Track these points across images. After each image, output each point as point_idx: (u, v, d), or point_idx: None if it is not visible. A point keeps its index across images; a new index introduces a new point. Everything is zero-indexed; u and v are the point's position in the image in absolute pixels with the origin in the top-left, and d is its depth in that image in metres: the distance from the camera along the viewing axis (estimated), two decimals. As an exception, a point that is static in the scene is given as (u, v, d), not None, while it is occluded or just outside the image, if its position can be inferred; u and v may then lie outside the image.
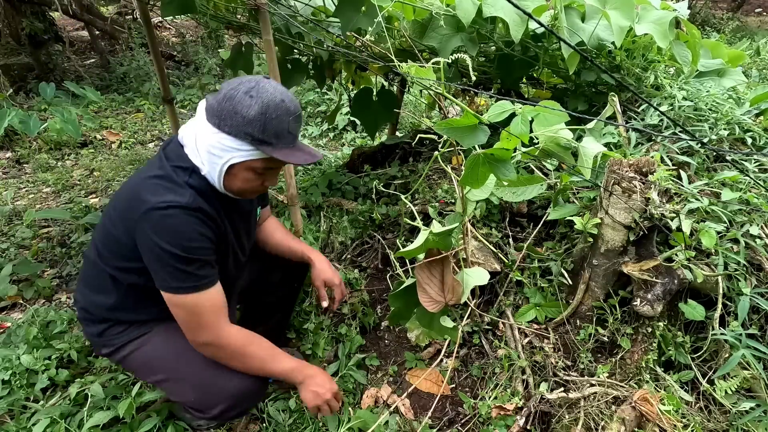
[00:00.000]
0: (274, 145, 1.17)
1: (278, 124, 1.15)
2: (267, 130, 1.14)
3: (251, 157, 1.18)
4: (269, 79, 1.20)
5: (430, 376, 1.72)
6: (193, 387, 1.29)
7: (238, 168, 1.20)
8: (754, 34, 7.47)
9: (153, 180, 1.19)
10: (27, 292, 2.33)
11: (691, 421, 1.38)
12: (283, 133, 1.17)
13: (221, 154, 1.16)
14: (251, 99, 1.13)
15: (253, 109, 1.12)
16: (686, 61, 1.90)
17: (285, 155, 1.18)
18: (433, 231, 1.20)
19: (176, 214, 1.14)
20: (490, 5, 1.75)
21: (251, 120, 1.13)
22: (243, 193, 1.28)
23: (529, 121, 1.22)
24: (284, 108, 1.16)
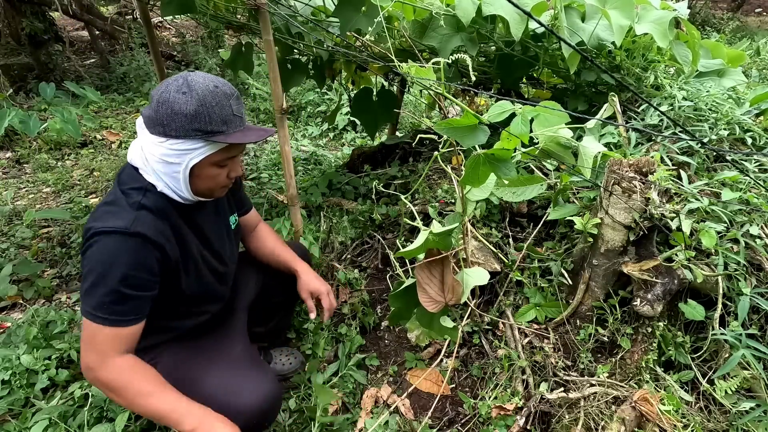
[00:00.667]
0: (225, 132, 1.14)
1: (221, 110, 1.12)
2: (213, 120, 1.11)
3: (209, 152, 1.14)
4: (194, 71, 1.16)
5: (430, 376, 1.71)
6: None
7: (199, 167, 1.16)
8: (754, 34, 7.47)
9: (102, 207, 1.16)
10: (27, 292, 2.33)
11: (691, 421, 1.38)
12: (229, 117, 1.14)
13: (178, 159, 1.13)
14: (185, 95, 1.09)
15: (192, 104, 1.09)
16: (686, 61, 1.90)
17: (240, 137, 1.15)
18: (433, 231, 1.20)
19: (112, 240, 1.09)
20: (490, 4, 1.75)
21: (194, 115, 1.09)
22: (213, 192, 1.25)
23: (529, 121, 1.23)
24: (221, 93, 1.13)
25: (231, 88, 1.17)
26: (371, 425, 1.51)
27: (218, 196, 1.29)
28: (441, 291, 1.31)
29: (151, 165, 1.15)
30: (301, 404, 1.65)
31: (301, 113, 5.33)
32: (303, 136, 4.85)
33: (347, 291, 2.11)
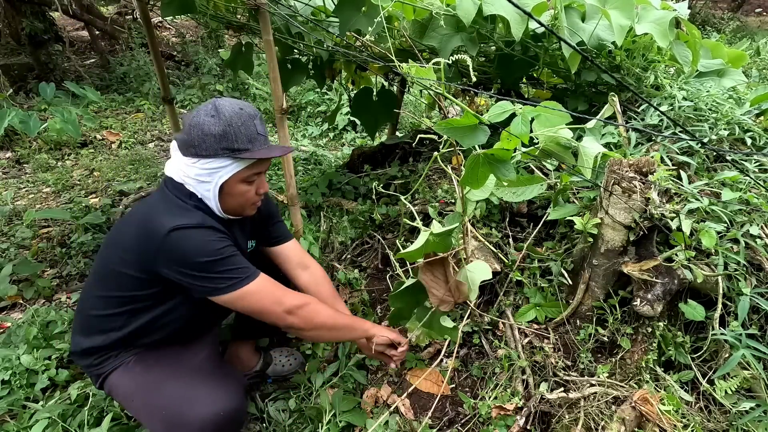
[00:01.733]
0: (251, 149, 1.25)
1: (246, 129, 1.24)
2: (240, 138, 1.23)
3: (237, 169, 1.26)
4: (222, 97, 1.29)
5: (430, 376, 1.71)
6: (161, 419, 1.25)
7: (229, 184, 1.27)
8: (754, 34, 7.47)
9: (163, 208, 1.25)
10: (27, 292, 2.33)
11: (691, 421, 1.38)
12: (254, 135, 1.26)
13: (209, 178, 1.25)
14: (214, 118, 1.21)
15: (220, 126, 1.21)
16: (686, 61, 1.90)
17: (265, 153, 1.27)
18: (433, 231, 1.20)
19: (194, 232, 1.22)
20: (491, 4, 1.75)
21: (222, 135, 1.21)
22: (242, 208, 1.35)
23: (529, 121, 1.22)
24: (246, 114, 1.25)
25: (254, 110, 1.29)
26: (371, 425, 1.51)
27: (248, 213, 1.39)
28: (448, 290, 1.32)
29: (188, 184, 1.28)
30: (301, 404, 1.65)
31: (301, 113, 5.33)
32: (303, 136, 4.86)
33: (347, 291, 2.12)
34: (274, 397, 1.71)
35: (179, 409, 1.23)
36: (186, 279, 1.23)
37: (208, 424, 1.21)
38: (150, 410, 1.27)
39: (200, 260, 1.20)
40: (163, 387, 1.29)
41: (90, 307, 1.36)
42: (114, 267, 1.30)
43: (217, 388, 1.29)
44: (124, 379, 1.33)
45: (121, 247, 1.29)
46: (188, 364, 1.39)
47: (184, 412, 1.22)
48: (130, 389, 1.32)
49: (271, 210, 1.58)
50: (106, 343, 1.34)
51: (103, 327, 1.34)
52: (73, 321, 1.43)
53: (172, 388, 1.29)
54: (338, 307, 1.57)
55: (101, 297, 1.33)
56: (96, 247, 2.73)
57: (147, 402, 1.28)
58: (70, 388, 1.66)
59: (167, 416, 1.23)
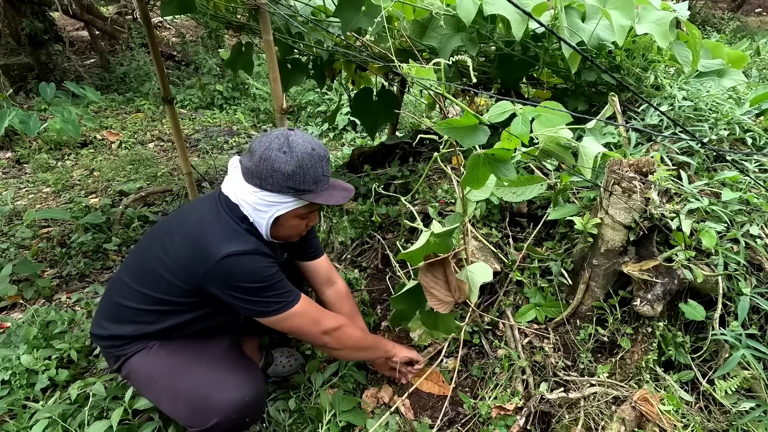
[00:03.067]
0: (314, 191, 1.27)
1: (314, 172, 1.25)
2: (306, 181, 1.25)
3: (296, 206, 1.29)
4: (294, 130, 1.29)
5: (431, 376, 1.71)
6: (186, 402, 1.28)
7: (284, 218, 1.30)
8: (754, 34, 7.47)
9: (218, 230, 1.28)
10: (27, 292, 2.33)
11: (691, 421, 1.38)
12: (319, 177, 1.27)
13: (267, 209, 1.27)
14: (286, 155, 1.22)
15: (291, 165, 1.22)
16: (686, 61, 1.90)
17: (326, 198, 1.29)
18: (433, 232, 1.20)
19: (247, 259, 1.24)
20: (491, 4, 1.75)
21: (291, 175, 1.23)
22: (289, 238, 1.40)
23: (529, 122, 1.23)
24: (317, 156, 1.26)
25: (324, 150, 1.30)
26: (371, 425, 1.51)
27: (293, 240, 1.44)
28: (448, 291, 1.32)
29: (243, 207, 1.30)
30: (301, 404, 1.65)
31: (301, 113, 5.33)
32: (303, 136, 4.85)
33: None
34: (274, 398, 1.71)
35: (206, 392, 1.28)
36: (235, 301, 1.27)
37: (234, 409, 1.27)
38: (174, 393, 1.31)
39: (252, 286, 1.25)
40: (189, 370, 1.34)
41: (124, 297, 1.38)
42: (156, 268, 1.32)
43: (242, 374, 1.36)
44: (147, 362, 1.36)
45: (168, 254, 1.31)
46: (213, 351, 1.43)
47: (211, 396, 1.28)
48: (153, 372, 1.35)
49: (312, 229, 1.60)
50: (135, 334, 1.37)
51: (134, 319, 1.37)
52: (101, 303, 1.45)
53: (199, 372, 1.33)
54: (358, 324, 1.64)
55: (137, 291, 1.35)
56: (96, 247, 2.73)
57: (171, 385, 1.32)
58: (70, 388, 1.65)
59: (193, 398, 1.28)
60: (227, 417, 1.26)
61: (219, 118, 5.40)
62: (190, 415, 1.28)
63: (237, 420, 1.29)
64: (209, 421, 1.26)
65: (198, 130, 5.01)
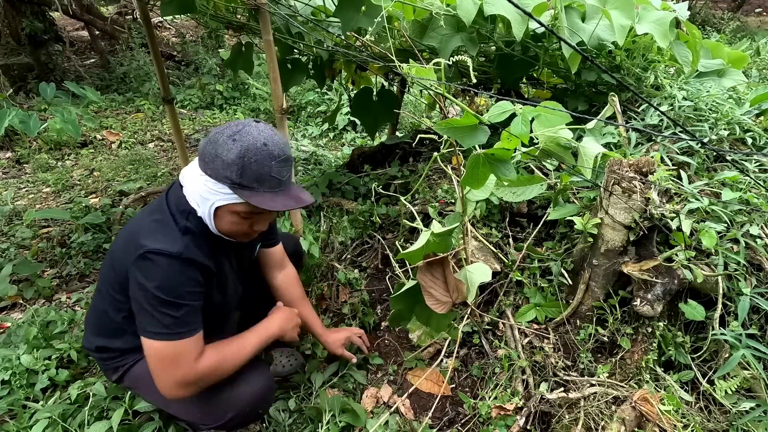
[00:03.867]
0: (254, 189, 1.14)
1: (258, 168, 1.13)
2: (245, 175, 1.13)
3: (232, 201, 1.16)
4: (260, 122, 1.19)
5: (431, 376, 1.72)
6: (198, 401, 1.28)
7: (222, 211, 1.20)
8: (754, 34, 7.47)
9: (152, 224, 1.21)
10: (27, 292, 2.33)
11: (691, 421, 1.38)
12: (264, 177, 1.14)
13: (208, 196, 1.17)
14: (233, 143, 1.12)
15: (233, 153, 1.11)
16: (686, 61, 1.90)
17: (262, 201, 1.14)
18: (433, 232, 1.20)
19: (164, 262, 1.14)
20: (491, 4, 1.75)
21: (230, 164, 1.12)
22: (232, 236, 1.27)
23: (529, 122, 1.23)
24: (266, 152, 1.13)
25: (282, 150, 1.17)
26: (372, 425, 1.51)
27: (240, 240, 1.31)
28: (446, 291, 1.32)
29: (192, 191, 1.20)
30: (301, 404, 1.65)
31: (301, 113, 5.34)
32: (303, 136, 4.86)
33: (347, 291, 2.12)
34: (275, 397, 1.71)
35: (218, 391, 1.28)
36: (134, 303, 1.19)
37: (248, 402, 1.28)
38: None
39: (154, 293, 1.13)
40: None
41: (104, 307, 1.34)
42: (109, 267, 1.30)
43: (252, 369, 1.35)
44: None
45: (111, 255, 1.30)
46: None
47: (223, 394, 1.28)
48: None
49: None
50: (126, 346, 1.36)
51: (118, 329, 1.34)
52: (88, 313, 1.44)
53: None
54: (303, 310, 1.63)
55: (113, 299, 1.30)
56: (96, 247, 2.73)
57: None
58: (70, 388, 1.65)
59: (205, 396, 1.27)
60: (242, 410, 1.27)
61: (219, 118, 5.40)
62: (204, 413, 1.29)
63: (250, 412, 1.30)
64: (225, 416, 1.27)
65: (198, 130, 5.01)
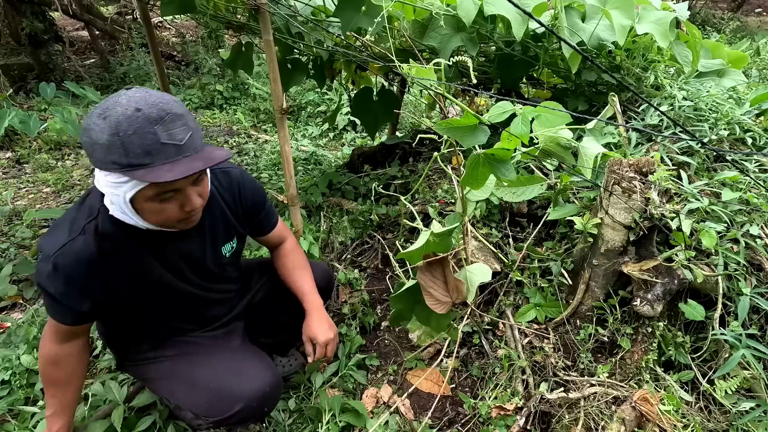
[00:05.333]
0: (148, 165, 0.95)
1: (140, 139, 0.93)
2: (130, 152, 0.93)
3: (138, 187, 0.99)
4: (132, 88, 1.00)
5: (430, 376, 1.72)
6: (206, 392, 1.27)
7: (137, 202, 1.03)
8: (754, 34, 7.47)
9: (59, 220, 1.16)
10: (27, 292, 2.33)
11: (691, 421, 1.38)
12: (152, 146, 0.94)
13: (115, 192, 1.00)
14: (103, 121, 0.93)
15: (105, 133, 0.93)
16: (686, 61, 1.90)
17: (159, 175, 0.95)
18: (433, 232, 1.20)
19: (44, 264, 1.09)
20: (492, 4, 1.75)
21: (108, 146, 0.93)
22: (169, 224, 1.11)
23: (529, 122, 1.23)
24: (142, 118, 0.94)
25: (162, 109, 0.96)
26: (372, 425, 1.51)
27: (184, 227, 1.15)
28: (446, 291, 1.32)
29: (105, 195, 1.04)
30: (301, 404, 1.65)
31: (301, 113, 5.33)
32: (303, 136, 4.85)
33: (347, 291, 2.12)
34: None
35: (226, 383, 1.26)
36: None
37: (255, 397, 1.26)
38: (192, 383, 1.29)
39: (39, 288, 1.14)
40: (206, 363, 1.32)
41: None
42: None
43: (260, 365, 1.33)
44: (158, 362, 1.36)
45: None
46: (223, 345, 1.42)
47: (231, 385, 1.26)
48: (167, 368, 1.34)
49: (255, 198, 1.40)
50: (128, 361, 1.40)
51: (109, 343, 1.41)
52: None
53: (217, 364, 1.32)
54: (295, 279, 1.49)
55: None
56: (96, 247, 2.73)
57: (188, 377, 1.30)
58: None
59: (214, 387, 1.26)
60: (248, 405, 1.25)
61: (219, 118, 5.40)
62: (210, 404, 1.26)
63: (256, 408, 1.27)
64: (231, 408, 1.23)
65: (198, 130, 5.00)
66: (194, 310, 1.39)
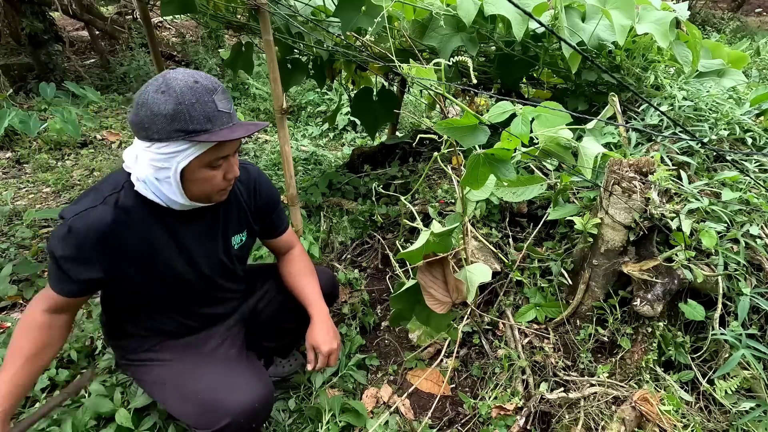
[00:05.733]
0: (210, 130, 1.07)
1: (202, 107, 1.06)
2: (195, 119, 1.05)
3: (197, 153, 1.08)
4: (176, 68, 1.11)
5: (431, 376, 1.72)
6: (195, 403, 1.26)
7: (190, 171, 1.11)
8: (754, 34, 7.47)
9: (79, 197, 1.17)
10: (27, 292, 2.33)
11: (691, 421, 1.38)
12: (212, 113, 1.07)
13: (166, 164, 1.08)
14: (164, 95, 1.04)
15: (170, 104, 1.04)
16: (687, 61, 1.90)
17: (226, 134, 1.08)
18: (433, 232, 1.20)
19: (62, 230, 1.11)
20: (492, 4, 1.75)
21: (173, 115, 1.04)
22: (210, 196, 1.19)
23: (529, 122, 1.23)
24: (202, 89, 1.06)
25: (214, 82, 1.10)
26: (372, 425, 1.51)
27: (218, 200, 1.23)
28: (446, 291, 1.32)
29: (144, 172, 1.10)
30: (301, 404, 1.65)
31: (301, 113, 5.33)
32: (303, 136, 4.85)
33: (347, 291, 2.12)
34: (275, 397, 1.71)
35: (216, 396, 1.24)
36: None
37: (244, 412, 1.23)
38: (183, 393, 1.28)
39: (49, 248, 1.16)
40: (198, 373, 1.31)
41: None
42: None
43: (252, 377, 1.32)
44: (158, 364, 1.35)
45: None
46: (219, 354, 1.40)
47: (220, 399, 1.24)
48: (161, 374, 1.33)
49: (270, 197, 1.44)
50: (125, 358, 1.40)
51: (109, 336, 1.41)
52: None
53: (209, 375, 1.30)
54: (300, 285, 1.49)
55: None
56: (96, 247, 2.73)
57: (180, 386, 1.29)
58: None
59: (203, 400, 1.24)
60: (236, 420, 1.23)
61: (219, 118, 5.39)
62: (199, 416, 1.26)
63: (245, 424, 1.25)
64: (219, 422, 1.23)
65: (198, 130, 5.01)
66: (196, 304, 1.39)
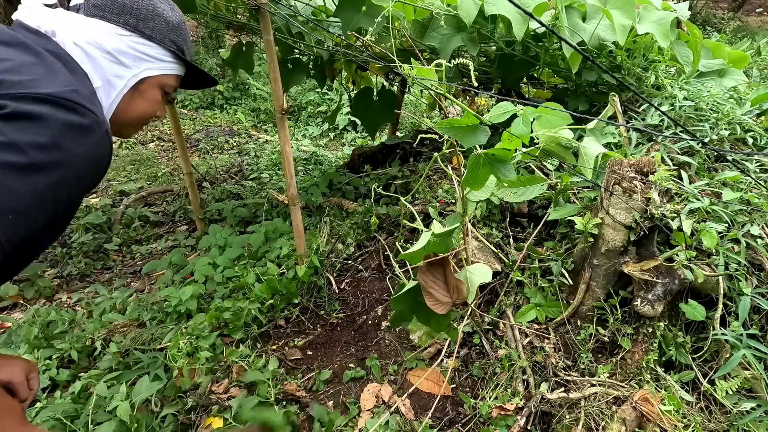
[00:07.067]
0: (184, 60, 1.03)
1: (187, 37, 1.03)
2: (186, 42, 1.02)
3: (169, 71, 0.99)
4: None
5: (431, 376, 1.71)
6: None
7: (148, 83, 0.96)
8: (754, 34, 7.46)
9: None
10: (28, 291, 2.33)
11: (691, 421, 1.38)
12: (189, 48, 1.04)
13: (134, 63, 0.92)
14: (170, 7, 0.99)
15: (175, 17, 0.98)
16: (687, 61, 1.90)
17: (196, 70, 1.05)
18: (434, 232, 1.20)
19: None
20: (492, 4, 1.75)
21: (175, 27, 0.98)
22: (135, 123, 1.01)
23: (530, 122, 1.22)
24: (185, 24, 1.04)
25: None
26: (372, 425, 1.51)
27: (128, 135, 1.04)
28: (446, 292, 1.32)
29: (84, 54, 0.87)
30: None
31: (301, 113, 5.34)
32: (303, 136, 4.86)
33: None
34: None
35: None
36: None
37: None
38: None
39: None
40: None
41: None
42: None
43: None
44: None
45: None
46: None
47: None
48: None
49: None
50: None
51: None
52: None
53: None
54: None
55: None
56: (97, 247, 2.74)
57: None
58: (71, 387, 1.66)
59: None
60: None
61: (219, 118, 5.41)
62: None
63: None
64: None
65: (198, 130, 5.01)
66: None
